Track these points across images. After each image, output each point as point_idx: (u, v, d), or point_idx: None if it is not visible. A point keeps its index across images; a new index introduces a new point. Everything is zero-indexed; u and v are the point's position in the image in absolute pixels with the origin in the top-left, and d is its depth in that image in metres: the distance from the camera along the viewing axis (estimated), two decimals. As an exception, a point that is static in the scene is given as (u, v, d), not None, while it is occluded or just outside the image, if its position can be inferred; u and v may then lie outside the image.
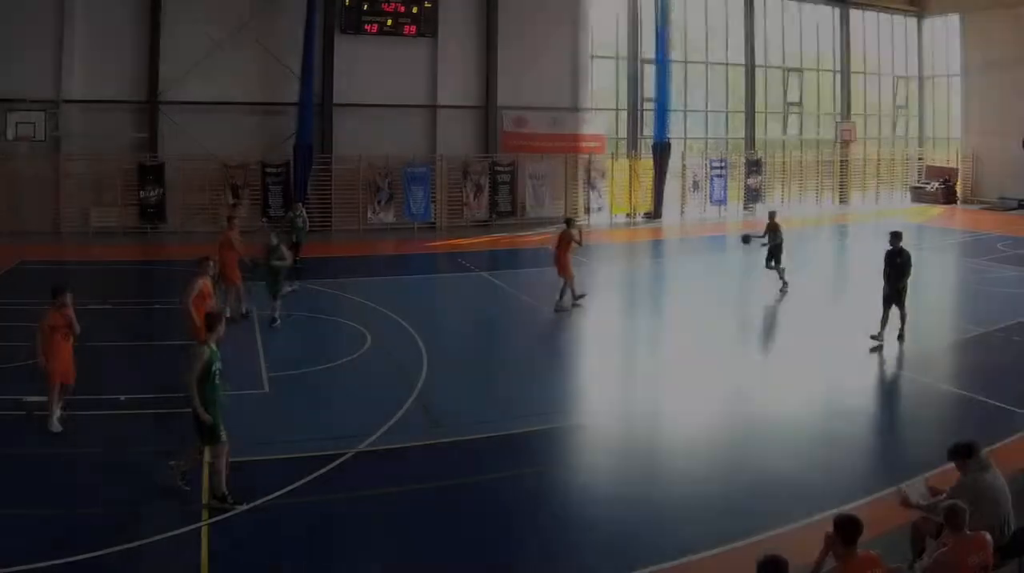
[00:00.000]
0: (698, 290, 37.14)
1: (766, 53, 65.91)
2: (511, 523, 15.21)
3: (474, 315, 32.60)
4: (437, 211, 54.02)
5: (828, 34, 68.69)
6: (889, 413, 21.86)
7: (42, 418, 18.94)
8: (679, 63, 61.94)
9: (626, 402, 22.38)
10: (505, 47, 55.89)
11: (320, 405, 21.11)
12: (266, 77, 51.42)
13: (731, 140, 66.59)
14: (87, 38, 48.41)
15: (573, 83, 58.56)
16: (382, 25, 53.14)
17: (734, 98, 65.59)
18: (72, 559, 13.13)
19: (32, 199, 47.16)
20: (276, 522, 14.92)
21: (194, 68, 49.18)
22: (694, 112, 65.16)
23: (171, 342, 24.76)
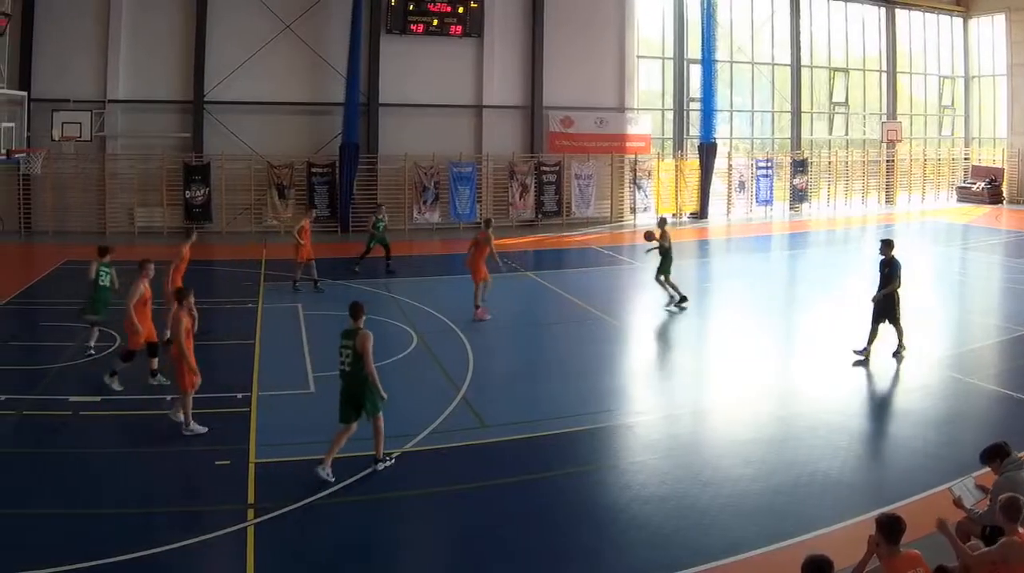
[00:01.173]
0: (743, 290, 36.02)
1: (812, 53, 64.34)
2: (558, 522, 14.76)
3: (520, 315, 31.35)
4: (483, 211, 51.96)
5: (874, 34, 66.77)
6: (934, 413, 20.73)
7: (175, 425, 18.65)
8: (725, 63, 60.55)
9: (672, 402, 21.65)
10: (551, 47, 54.70)
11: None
12: (312, 77, 50.52)
13: (777, 140, 65.02)
14: (133, 39, 47.63)
15: (619, 83, 57.02)
16: (428, 25, 51.84)
17: (780, 98, 63.83)
18: (117, 559, 12.84)
19: (77, 199, 46.50)
20: (322, 522, 14.54)
21: (239, 68, 48.31)
22: (740, 112, 63.99)
23: (217, 342, 24.33)
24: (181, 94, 48.43)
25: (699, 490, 15.79)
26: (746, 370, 23.87)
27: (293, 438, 17.76)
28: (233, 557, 13.35)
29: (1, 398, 19.71)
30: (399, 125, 51.38)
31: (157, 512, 14.73)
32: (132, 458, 17.24)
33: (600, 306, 31.28)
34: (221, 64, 48.23)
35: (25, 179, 45.42)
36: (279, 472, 16.32)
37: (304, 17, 49.52)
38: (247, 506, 14.87)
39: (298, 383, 21.58)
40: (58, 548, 13.12)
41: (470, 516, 15.06)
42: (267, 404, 20.01)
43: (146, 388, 20.91)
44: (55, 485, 15.58)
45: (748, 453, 17.75)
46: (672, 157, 59.11)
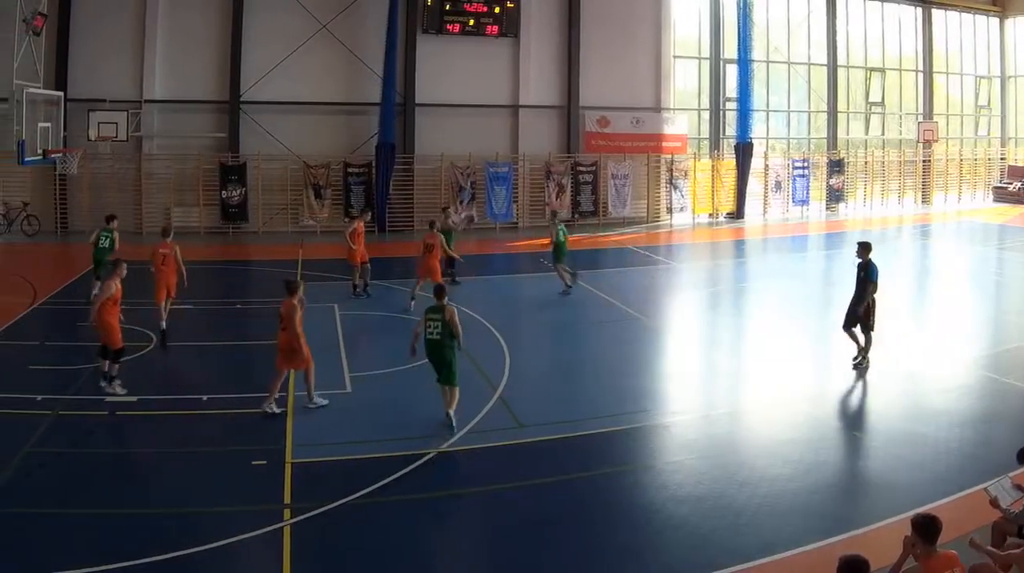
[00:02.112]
0: (779, 290, 35.17)
1: (848, 53, 62.78)
2: (595, 522, 14.67)
3: (556, 315, 30.99)
4: (519, 211, 51.70)
5: (910, 34, 65.13)
6: (970, 413, 20.27)
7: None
8: (761, 63, 58.78)
9: (708, 402, 21.32)
10: (587, 47, 53.39)
11: (402, 405, 20.30)
12: (348, 77, 49.44)
13: (813, 140, 63.24)
14: (169, 39, 46.81)
15: (655, 83, 55.54)
16: (464, 25, 50.78)
17: (816, 98, 62.08)
18: (154, 559, 12.76)
19: (113, 199, 45.04)
20: (359, 522, 14.45)
21: (275, 68, 47.37)
22: (776, 112, 62.17)
23: (254, 342, 24.72)
24: (217, 94, 47.62)
25: (735, 490, 15.65)
26: (782, 370, 23.43)
27: (329, 438, 17.78)
28: (270, 557, 13.29)
29: (37, 398, 19.54)
30: (435, 125, 50.27)
31: (193, 512, 14.62)
32: (168, 458, 17.09)
33: (636, 306, 30.82)
34: (257, 64, 47.40)
35: (61, 179, 44.66)
36: (315, 472, 16.27)
37: (340, 17, 48.57)
38: (283, 506, 14.78)
39: (334, 383, 21.28)
40: (94, 548, 13.02)
41: (507, 516, 14.96)
42: (303, 404, 19.75)
43: (182, 388, 20.86)
44: (91, 485, 15.44)
45: (784, 453, 17.54)
46: (708, 157, 57.81)
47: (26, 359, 22.93)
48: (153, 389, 20.63)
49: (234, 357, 24.93)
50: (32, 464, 16.31)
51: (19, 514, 14.15)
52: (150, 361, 23.19)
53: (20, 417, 18.53)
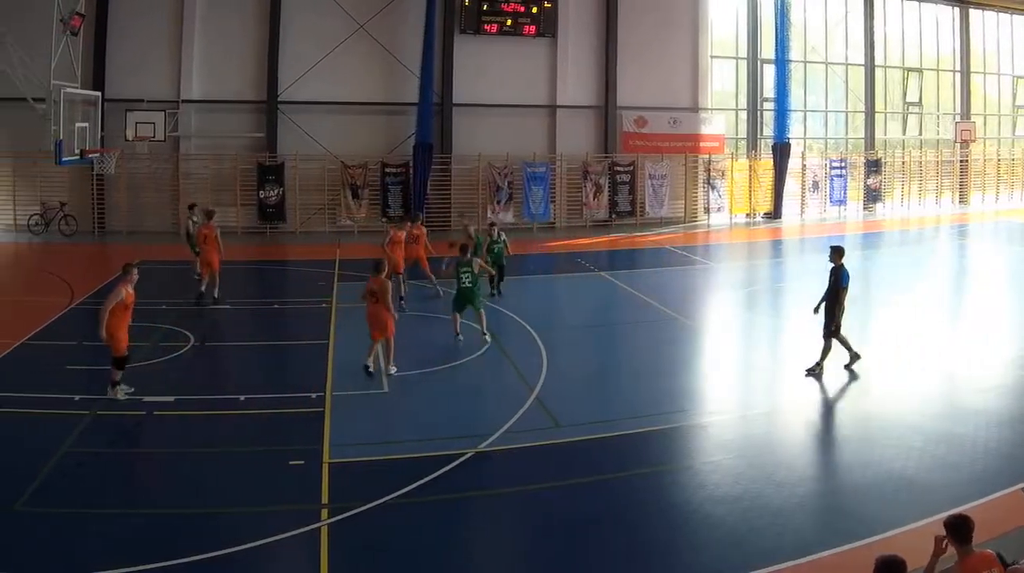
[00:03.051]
0: (817, 290, 33.25)
1: (886, 53, 61.20)
2: (632, 522, 14.33)
3: (593, 315, 30.66)
4: (556, 211, 50.65)
5: (947, 34, 63.26)
6: (1008, 413, 19.57)
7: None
8: (799, 63, 57.12)
9: (745, 402, 20.86)
10: (624, 47, 52.15)
11: (439, 405, 20.03)
12: (385, 77, 48.48)
13: (851, 140, 61.59)
14: (206, 39, 46.07)
15: (693, 83, 54.16)
16: (502, 25, 49.69)
17: (853, 98, 60.44)
18: (192, 559, 12.51)
19: (151, 199, 44.99)
20: (396, 522, 14.13)
21: (313, 68, 46.54)
22: (814, 112, 60.47)
23: (292, 342, 24.92)
24: (255, 94, 46.90)
25: (773, 490, 15.30)
26: (820, 369, 22.35)
27: (367, 438, 17.65)
28: (307, 557, 13.04)
29: (75, 398, 19.31)
30: (473, 125, 49.36)
31: (231, 512, 14.37)
32: (206, 458, 16.80)
33: (674, 306, 30.12)
34: (295, 64, 46.70)
35: (99, 179, 44.03)
36: (353, 472, 16.03)
37: (378, 17, 47.63)
38: (321, 506, 14.49)
39: (372, 383, 21.00)
40: (132, 548, 12.79)
41: (543, 516, 14.62)
42: (341, 404, 19.45)
43: (220, 388, 20.74)
44: (128, 485, 15.42)
45: (822, 453, 17.61)
46: (746, 157, 56.45)
47: (63, 359, 22.53)
48: (191, 389, 20.45)
49: (272, 357, 24.82)
50: (70, 464, 15.95)
51: (57, 514, 13.87)
52: (188, 361, 22.93)
53: (58, 417, 18.23)
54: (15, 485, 14.79)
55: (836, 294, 21.65)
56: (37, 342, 24.22)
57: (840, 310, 21.73)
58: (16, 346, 23.48)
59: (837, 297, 21.64)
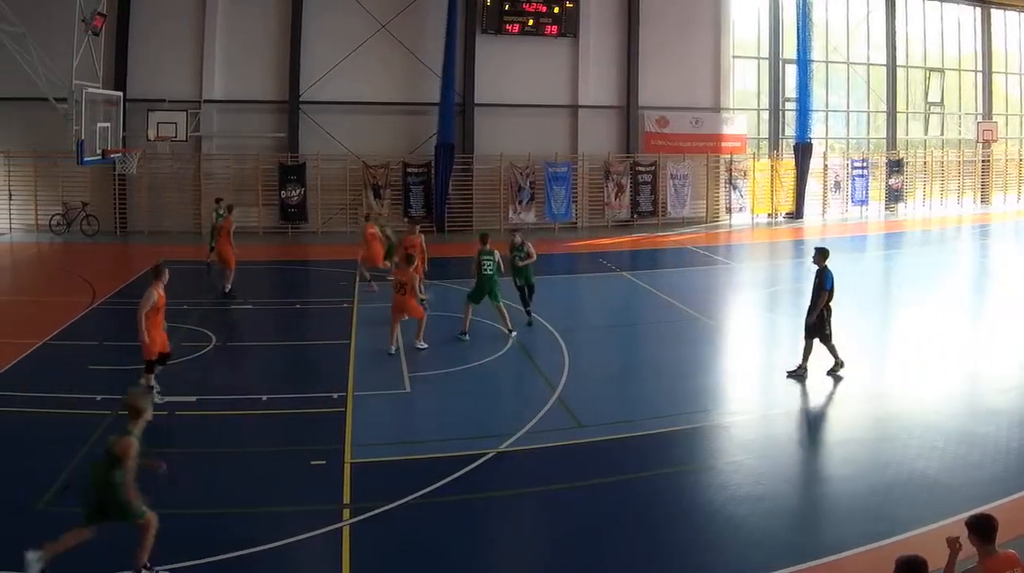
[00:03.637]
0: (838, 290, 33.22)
1: (907, 53, 60.07)
2: (654, 522, 14.06)
3: (615, 315, 30.26)
4: (578, 211, 49.89)
5: (969, 34, 62.15)
6: None
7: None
8: (820, 63, 56.41)
9: (767, 402, 20.40)
10: (646, 47, 51.19)
11: (461, 405, 19.75)
12: (407, 77, 47.77)
13: (872, 140, 60.65)
14: (228, 39, 45.60)
15: (715, 83, 53.19)
16: (523, 25, 48.88)
17: (875, 98, 59.26)
18: (213, 559, 12.37)
19: (172, 199, 44.55)
20: (418, 522, 13.92)
21: (335, 68, 45.96)
22: (835, 112, 59.64)
23: (313, 342, 24.62)
24: (276, 94, 46.35)
25: (794, 490, 15.37)
26: (842, 370, 21.89)
27: (388, 438, 17.50)
28: (329, 557, 12.79)
29: (96, 398, 18.88)
30: (494, 125, 48.74)
31: (253, 512, 14.22)
32: (227, 458, 16.60)
33: (696, 306, 29.55)
34: (316, 64, 46.10)
35: (121, 179, 43.67)
36: (374, 472, 15.80)
37: (399, 17, 46.99)
38: (342, 506, 14.28)
39: (394, 383, 20.72)
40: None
41: (566, 516, 14.36)
42: (362, 404, 19.14)
43: (241, 388, 20.26)
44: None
45: (843, 454, 17.11)
46: (767, 157, 55.43)
47: (85, 359, 22.23)
48: (213, 389, 20.16)
49: (293, 357, 24.35)
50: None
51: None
52: (209, 361, 22.61)
53: (79, 417, 17.85)
54: (38, 485, 14.59)
55: (819, 296, 21.02)
56: (59, 342, 23.90)
57: (828, 313, 21.13)
58: (38, 346, 23.22)
59: (819, 299, 21.01)
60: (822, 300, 20.91)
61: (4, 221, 44.18)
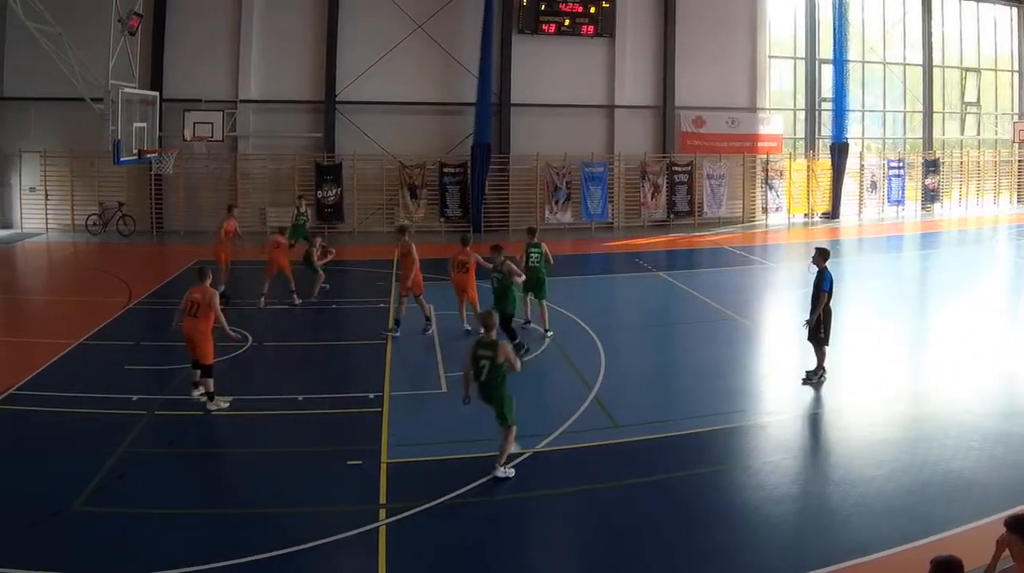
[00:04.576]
0: (875, 290, 33.18)
1: (943, 53, 58.30)
2: (691, 522, 13.83)
3: (652, 315, 29.54)
4: (614, 211, 48.65)
5: (1005, 34, 60.15)
6: None
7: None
8: (856, 63, 55.00)
9: (804, 402, 19.83)
10: (683, 47, 49.95)
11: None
12: (443, 77, 46.89)
13: (909, 140, 58.91)
14: (264, 39, 45.03)
15: (751, 83, 51.84)
16: (560, 25, 47.79)
17: (911, 98, 58.17)
18: (249, 559, 12.13)
19: (209, 199, 43.60)
20: (454, 522, 13.64)
21: (371, 68, 45.14)
22: (872, 112, 58.19)
23: (350, 342, 24.13)
24: (313, 94, 45.57)
25: (831, 490, 14.88)
26: (878, 370, 21.89)
27: (425, 438, 17.00)
28: (365, 557, 12.51)
29: (133, 398, 18.69)
30: (531, 125, 47.53)
31: (289, 512, 13.92)
32: (263, 458, 16.29)
33: (732, 306, 28.90)
34: (352, 64, 45.27)
35: (157, 179, 43.08)
36: (411, 472, 15.50)
37: (435, 17, 46.13)
38: (379, 506, 14.03)
39: (430, 383, 20.48)
40: (189, 549, 12.40)
41: (602, 516, 14.05)
42: (399, 404, 18.88)
43: (278, 388, 19.98)
44: (186, 485, 15.01)
45: (880, 453, 16.50)
46: (804, 157, 53.95)
47: (121, 359, 21.90)
48: (249, 389, 19.76)
49: (330, 357, 23.86)
50: (127, 464, 15.41)
51: (115, 514, 13.48)
52: (246, 361, 22.19)
53: (116, 417, 17.63)
54: (74, 485, 14.29)
55: (818, 298, 20.16)
56: (95, 342, 23.51)
57: (828, 315, 20.27)
58: (75, 346, 22.87)
59: (819, 301, 20.12)
60: (821, 302, 20.10)
61: (41, 221, 43.90)
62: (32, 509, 13.38)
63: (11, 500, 13.83)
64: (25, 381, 19.86)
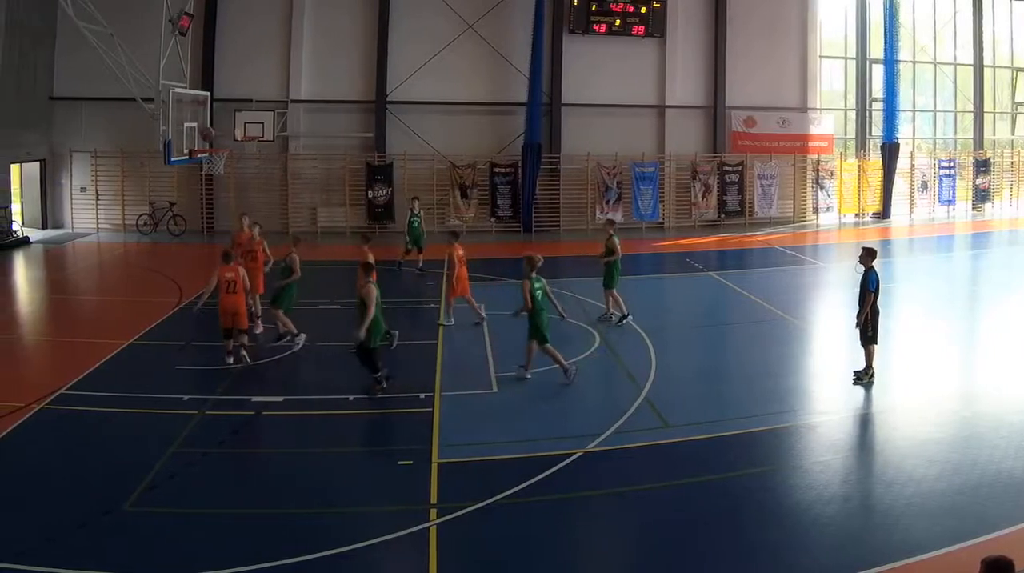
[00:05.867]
0: (926, 290, 32.72)
1: (994, 53, 55.88)
2: (742, 522, 13.34)
3: (702, 315, 29.04)
4: (665, 211, 46.75)
5: (1057, 33, 58.12)
6: None
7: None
8: (907, 63, 52.74)
9: (855, 402, 19.28)
10: (733, 47, 47.97)
11: (548, 405, 19.01)
12: (494, 77, 45.39)
13: (959, 140, 56.68)
14: (315, 38, 43.88)
15: (802, 83, 49.63)
16: (611, 25, 45.94)
17: (962, 98, 55.65)
18: (300, 559, 11.88)
19: (259, 199, 42.47)
20: (504, 522, 13.30)
21: (422, 68, 43.66)
22: (922, 112, 55.91)
23: (398, 342, 23.06)
24: (363, 94, 44.16)
25: (882, 490, 14.48)
26: (929, 369, 21.53)
27: (475, 438, 16.64)
28: (416, 557, 12.32)
29: (183, 398, 18.51)
30: (581, 125, 45.75)
31: (339, 512, 13.73)
32: (314, 458, 15.96)
33: (783, 306, 28.28)
34: (403, 63, 43.89)
35: (207, 179, 41.72)
36: (461, 472, 15.24)
37: (486, 17, 44.54)
38: (429, 506, 13.80)
39: (480, 383, 20.07)
40: (240, 548, 12.16)
41: (653, 516, 13.79)
42: (449, 404, 18.57)
43: (328, 388, 19.61)
44: (237, 485, 14.80)
45: (931, 453, 16.11)
46: (854, 157, 51.93)
47: (172, 359, 21.67)
48: (300, 389, 19.74)
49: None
50: (178, 464, 15.16)
51: (166, 513, 13.38)
52: (297, 361, 21.93)
53: (167, 417, 17.42)
54: (125, 485, 14.04)
55: (864, 299, 19.71)
56: (146, 342, 23.24)
57: (875, 314, 19.79)
58: (126, 346, 22.61)
59: (865, 302, 19.67)
60: (868, 302, 19.60)
61: (91, 221, 43.08)
62: (82, 509, 13.08)
63: (62, 500, 13.54)
64: (76, 381, 19.52)
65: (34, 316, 27.79)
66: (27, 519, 12.95)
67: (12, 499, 13.70)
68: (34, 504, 13.50)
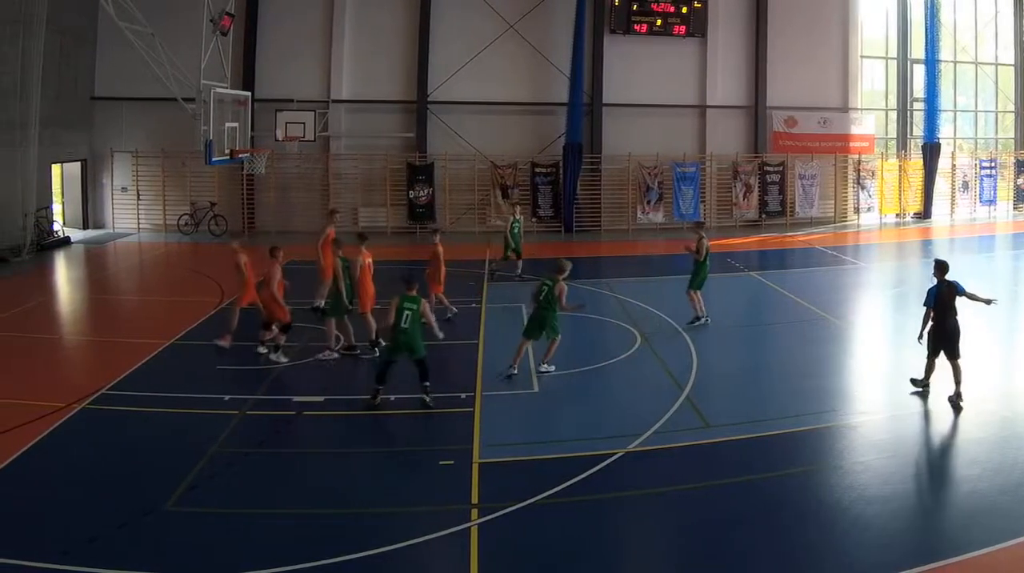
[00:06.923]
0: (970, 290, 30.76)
1: (1035, 52, 53.91)
2: (782, 522, 13.02)
3: (744, 315, 28.22)
4: (706, 211, 45.25)
5: (1098, 32, 56.40)
6: None
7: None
8: (948, 63, 50.92)
9: (896, 402, 18.75)
10: (774, 47, 46.46)
11: (589, 405, 18.59)
12: (535, 77, 44.29)
13: (1001, 140, 54.80)
14: (356, 39, 43.09)
15: (843, 83, 48.11)
16: (651, 25, 44.66)
17: (1003, 98, 53.65)
18: (341, 559, 11.57)
19: (300, 199, 41.81)
20: (546, 522, 12.98)
21: (462, 68, 42.62)
22: (963, 112, 54.09)
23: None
24: (404, 94, 43.26)
25: (923, 490, 14.45)
26: (971, 369, 19.60)
27: (516, 438, 16.39)
28: (457, 557, 11.97)
29: (224, 398, 18.21)
30: (622, 125, 44.62)
31: (381, 512, 13.40)
32: (355, 458, 15.78)
33: (824, 306, 27.57)
34: (444, 64, 42.93)
35: (249, 179, 40.95)
36: (503, 472, 14.87)
37: (527, 17, 43.47)
38: (471, 506, 13.47)
39: (521, 383, 19.58)
40: (281, 548, 11.98)
41: (694, 516, 13.43)
42: (491, 404, 18.15)
43: (370, 388, 18.56)
44: (278, 485, 14.54)
45: (972, 453, 15.78)
46: (896, 157, 50.21)
47: (214, 359, 21.30)
48: (340, 389, 19.23)
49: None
50: (219, 464, 14.89)
51: (206, 513, 13.13)
52: (338, 361, 21.37)
53: (208, 416, 17.15)
54: (166, 485, 13.83)
55: (928, 312, 18.74)
56: (187, 342, 22.86)
57: (952, 330, 18.63)
58: (167, 346, 22.28)
59: (925, 316, 18.78)
60: (926, 317, 18.69)
61: (132, 221, 42.47)
62: (123, 509, 12.88)
63: (102, 500, 13.30)
64: (117, 381, 19.21)
65: (75, 316, 27.17)
66: (69, 519, 12.64)
67: (54, 499, 13.37)
68: (76, 504, 13.15)
